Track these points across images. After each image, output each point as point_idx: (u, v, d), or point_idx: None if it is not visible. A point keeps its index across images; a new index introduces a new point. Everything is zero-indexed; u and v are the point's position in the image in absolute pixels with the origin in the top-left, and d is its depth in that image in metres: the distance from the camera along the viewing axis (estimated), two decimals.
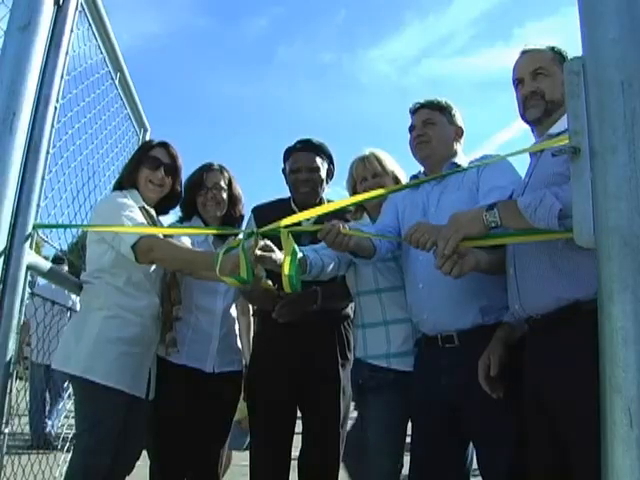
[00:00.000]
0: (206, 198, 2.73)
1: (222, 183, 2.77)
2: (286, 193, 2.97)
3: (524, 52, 1.97)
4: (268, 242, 2.04)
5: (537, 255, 1.75)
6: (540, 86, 1.88)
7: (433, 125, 2.31)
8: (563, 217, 1.48)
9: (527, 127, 1.98)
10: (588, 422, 1.39)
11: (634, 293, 0.97)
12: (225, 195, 2.77)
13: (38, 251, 2.00)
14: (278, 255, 2.02)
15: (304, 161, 2.82)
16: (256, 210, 2.93)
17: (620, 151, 1.06)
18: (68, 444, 3.13)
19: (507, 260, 1.87)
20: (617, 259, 1.00)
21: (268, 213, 2.62)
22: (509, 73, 2.01)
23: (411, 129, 2.37)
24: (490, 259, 1.86)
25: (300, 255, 2.03)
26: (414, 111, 2.37)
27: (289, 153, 2.89)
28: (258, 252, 1.98)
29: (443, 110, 2.33)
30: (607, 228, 1.03)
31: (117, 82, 3.00)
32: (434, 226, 1.91)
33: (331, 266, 2.25)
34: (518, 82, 1.95)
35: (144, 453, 2.57)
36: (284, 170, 2.92)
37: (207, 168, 2.79)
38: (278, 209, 2.72)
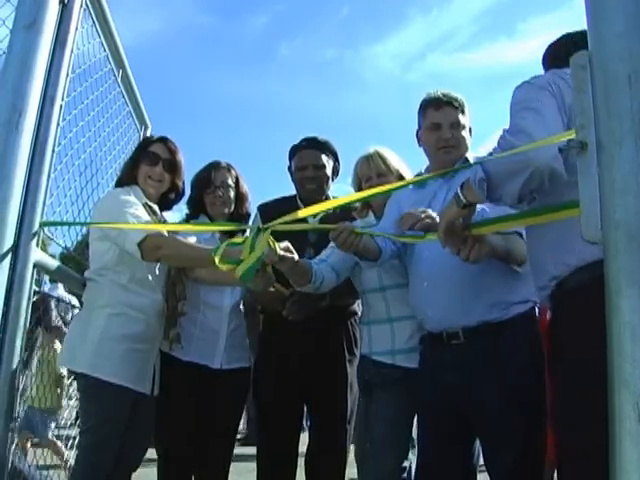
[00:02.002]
0: (214, 196, 2.73)
1: (230, 181, 2.77)
2: (288, 190, 3.01)
3: None
4: (288, 244, 2.10)
5: None
6: None
7: (460, 128, 2.26)
8: (491, 188, 1.54)
9: None
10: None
11: None
12: (232, 193, 2.78)
13: (44, 249, 2.00)
14: (295, 256, 2.10)
15: (310, 159, 2.84)
16: (262, 207, 2.95)
17: (627, 145, 1.06)
18: (73, 441, 3.14)
19: None
20: (625, 253, 1.00)
21: (274, 210, 2.63)
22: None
23: (433, 127, 2.28)
24: (507, 247, 1.91)
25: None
26: (438, 107, 2.28)
27: (295, 151, 2.91)
28: (281, 252, 2.01)
29: (463, 111, 2.29)
30: (614, 222, 1.03)
31: (119, 79, 3.00)
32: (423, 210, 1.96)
33: (330, 281, 2.34)
34: None
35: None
36: (290, 168, 2.93)
37: (215, 166, 2.78)
38: (284, 206, 2.70)
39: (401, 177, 2.54)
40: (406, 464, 2.37)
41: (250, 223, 2.91)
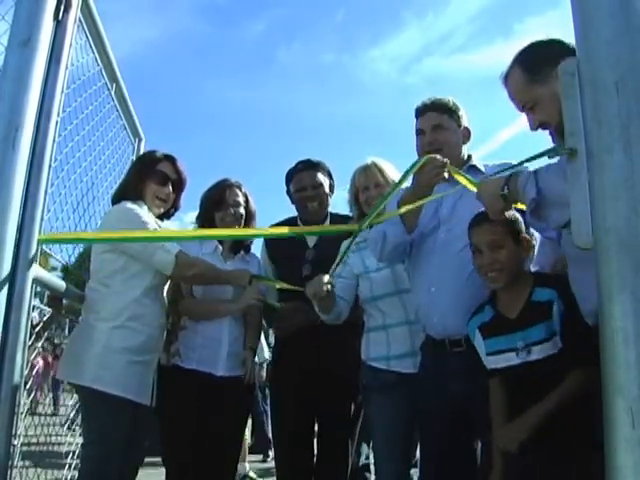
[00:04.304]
0: (226, 214, 2.76)
1: (241, 200, 2.82)
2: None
3: None
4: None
5: None
6: None
7: (443, 130, 2.24)
8: (538, 207, 1.52)
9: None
10: None
11: (633, 293, 0.97)
12: (243, 212, 2.82)
13: (45, 263, 2.00)
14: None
15: (308, 180, 2.96)
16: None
17: (616, 151, 1.07)
18: (75, 453, 3.13)
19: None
20: (615, 259, 1.01)
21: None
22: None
23: (418, 133, 2.29)
24: None
25: None
26: (421, 113, 2.28)
27: (292, 174, 3.01)
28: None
29: (452, 113, 2.27)
30: (605, 228, 1.04)
31: (113, 93, 3.02)
32: None
33: (345, 309, 2.51)
34: None
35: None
36: (288, 191, 3.04)
37: (228, 185, 2.83)
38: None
39: None
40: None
41: (259, 247, 3.06)
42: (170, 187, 2.53)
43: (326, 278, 2.22)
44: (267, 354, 5.77)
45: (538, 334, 1.79)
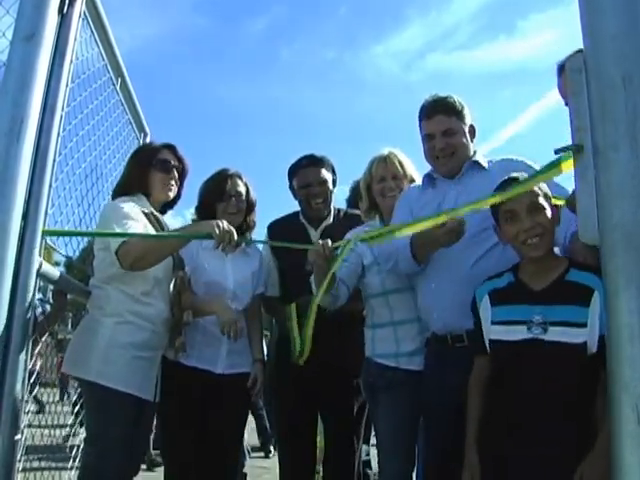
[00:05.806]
0: (228, 205, 2.73)
1: (242, 190, 2.79)
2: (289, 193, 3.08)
3: None
4: None
5: None
6: None
7: (454, 134, 2.23)
8: None
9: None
10: None
11: (639, 289, 0.97)
12: (245, 202, 2.80)
13: (49, 258, 2.01)
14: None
15: (313, 176, 2.94)
16: (271, 227, 3.09)
17: (623, 148, 1.06)
18: (77, 449, 3.14)
19: None
20: (621, 255, 1.01)
21: (280, 228, 2.98)
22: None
23: (427, 138, 2.27)
24: None
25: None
26: (428, 116, 2.27)
27: (296, 170, 2.99)
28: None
29: (459, 114, 2.26)
30: (611, 224, 1.04)
31: (118, 88, 3.02)
32: None
33: (344, 294, 2.43)
34: None
35: None
36: (291, 186, 3.02)
37: (229, 175, 2.79)
38: (289, 224, 2.99)
39: (413, 182, 2.55)
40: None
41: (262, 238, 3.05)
42: (175, 173, 2.53)
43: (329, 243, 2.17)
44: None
45: (566, 314, 1.60)
